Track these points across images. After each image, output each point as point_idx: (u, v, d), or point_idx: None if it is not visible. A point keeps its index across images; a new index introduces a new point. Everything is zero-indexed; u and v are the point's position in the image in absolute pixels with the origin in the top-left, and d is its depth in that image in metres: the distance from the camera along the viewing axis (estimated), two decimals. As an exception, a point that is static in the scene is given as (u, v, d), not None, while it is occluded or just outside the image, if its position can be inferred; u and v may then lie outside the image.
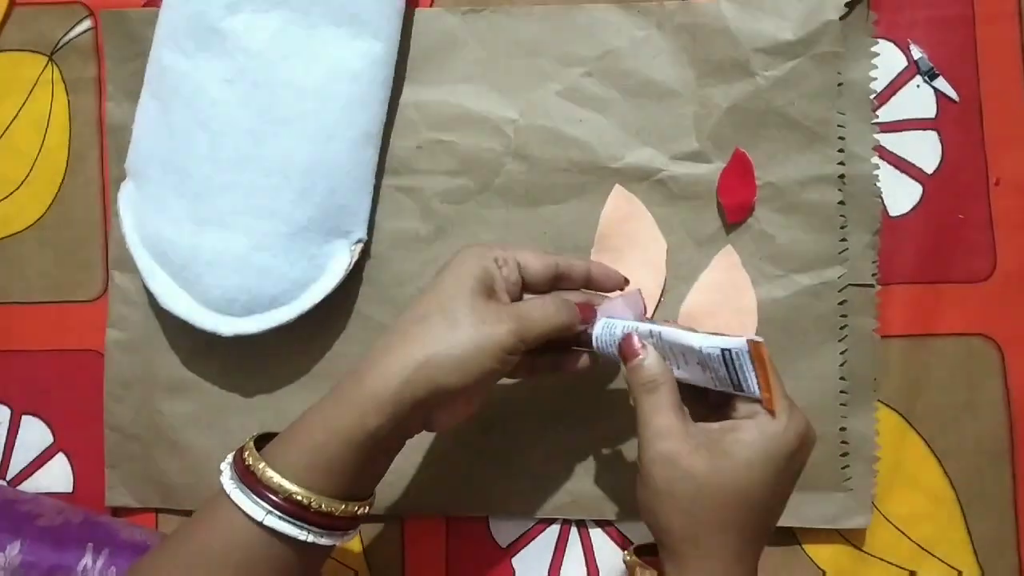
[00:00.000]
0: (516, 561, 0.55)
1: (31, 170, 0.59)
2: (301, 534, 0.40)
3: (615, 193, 0.54)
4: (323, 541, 0.41)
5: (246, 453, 0.42)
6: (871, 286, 0.53)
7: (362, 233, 0.54)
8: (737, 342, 0.39)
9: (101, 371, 0.57)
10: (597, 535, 0.55)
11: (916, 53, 0.54)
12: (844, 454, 0.52)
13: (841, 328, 0.53)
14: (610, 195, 0.54)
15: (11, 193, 0.59)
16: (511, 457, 0.55)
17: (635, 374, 0.42)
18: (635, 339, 0.43)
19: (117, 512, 0.57)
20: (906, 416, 0.53)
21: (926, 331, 0.54)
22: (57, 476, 0.58)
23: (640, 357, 0.42)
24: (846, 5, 0.52)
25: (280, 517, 0.40)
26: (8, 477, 0.58)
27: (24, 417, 0.58)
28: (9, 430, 0.58)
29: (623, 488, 0.54)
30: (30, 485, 0.58)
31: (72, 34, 0.59)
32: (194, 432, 0.56)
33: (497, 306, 0.42)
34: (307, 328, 0.54)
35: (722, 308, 0.53)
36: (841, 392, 0.52)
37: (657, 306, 0.54)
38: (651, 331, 0.43)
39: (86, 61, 0.58)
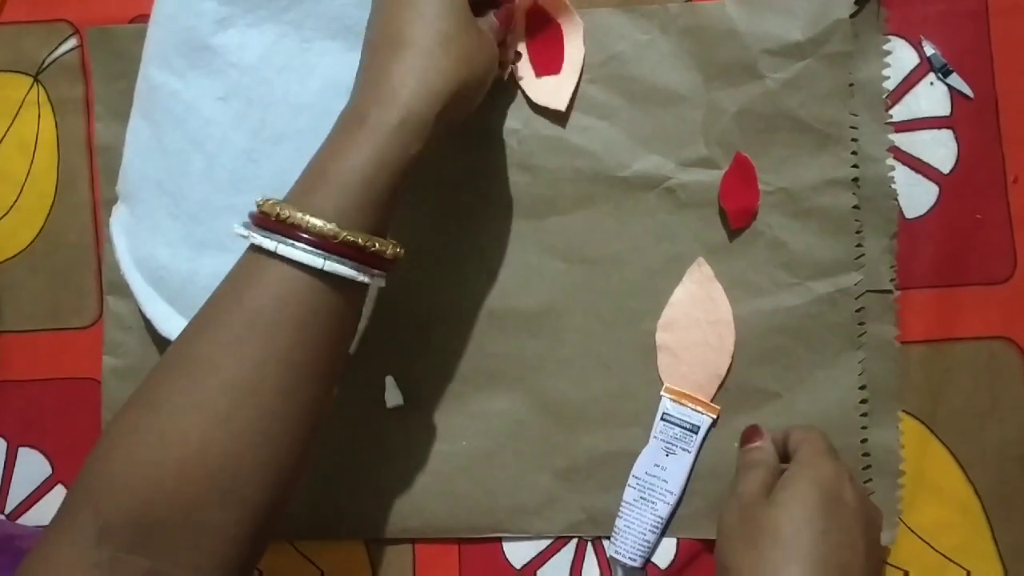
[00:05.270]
0: (532, 582, 0.54)
1: (19, 195, 0.57)
2: (359, 276, 0.40)
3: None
4: (376, 282, 0.42)
5: (278, 208, 0.39)
6: (889, 292, 0.51)
7: (363, 251, 0.53)
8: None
9: (99, 399, 0.56)
10: (613, 552, 0.54)
11: (929, 50, 0.53)
12: (866, 467, 0.51)
13: (859, 336, 0.51)
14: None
15: (0, 219, 0.57)
16: (522, 477, 0.53)
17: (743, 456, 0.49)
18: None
19: (120, 543, 0.56)
20: (928, 424, 0.52)
21: (946, 336, 0.52)
22: (57, 508, 0.56)
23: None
24: (856, 2, 0.51)
25: (339, 261, 0.39)
26: (7, 511, 0.57)
27: (21, 449, 0.57)
28: (6, 463, 0.57)
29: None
30: (29, 519, 0.56)
31: (57, 53, 0.57)
32: (196, 459, 0.55)
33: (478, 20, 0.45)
34: (309, 350, 0.53)
35: (698, 322, 0.52)
36: (861, 403, 0.51)
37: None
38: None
39: (72, 81, 0.57)
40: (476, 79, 0.43)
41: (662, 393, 0.52)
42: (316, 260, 0.39)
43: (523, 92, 0.53)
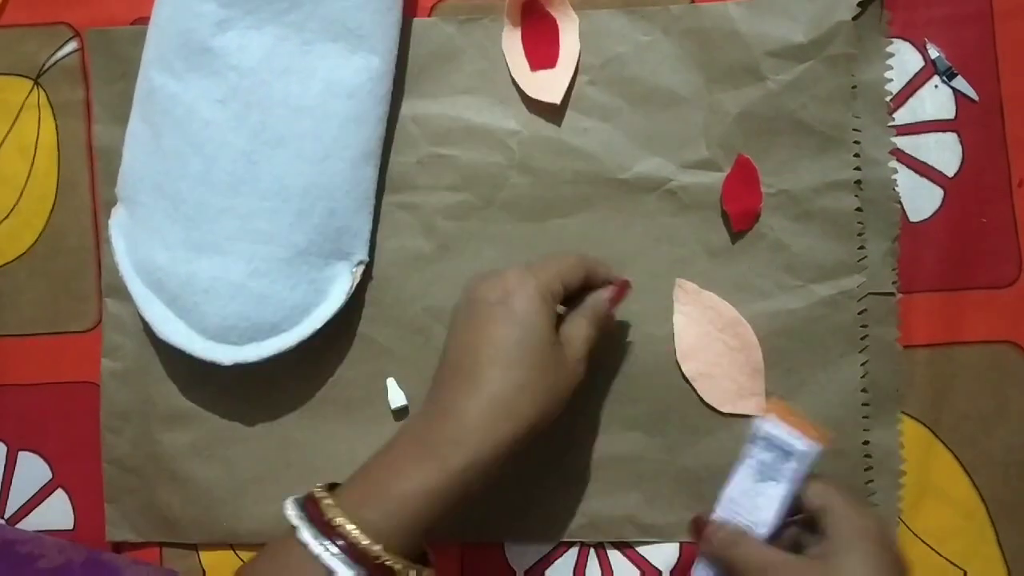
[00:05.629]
0: (533, 587, 0.54)
1: (20, 198, 0.57)
2: None
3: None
4: None
5: (327, 511, 0.40)
6: (891, 294, 0.51)
7: (363, 255, 0.53)
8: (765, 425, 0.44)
9: (98, 403, 0.56)
10: (616, 557, 0.53)
11: (933, 52, 0.52)
12: (868, 468, 0.51)
13: (862, 339, 0.51)
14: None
15: (0, 222, 0.57)
16: (526, 480, 0.53)
17: (707, 546, 0.45)
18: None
19: (120, 547, 0.56)
20: (932, 428, 0.52)
21: (950, 340, 0.52)
22: (57, 513, 0.56)
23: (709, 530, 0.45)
24: (858, 5, 0.51)
25: None
26: (6, 515, 0.56)
27: (20, 453, 0.57)
28: (5, 467, 0.57)
29: (640, 508, 0.53)
30: (29, 523, 0.56)
31: (57, 56, 0.57)
32: (195, 463, 0.55)
33: (563, 346, 0.45)
34: (309, 354, 0.53)
35: (710, 334, 0.52)
36: (863, 405, 0.51)
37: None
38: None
39: (73, 84, 0.57)
40: (554, 412, 0.44)
41: (761, 415, 0.46)
42: None
43: (517, 86, 0.53)
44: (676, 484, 0.52)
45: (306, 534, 0.40)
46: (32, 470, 0.56)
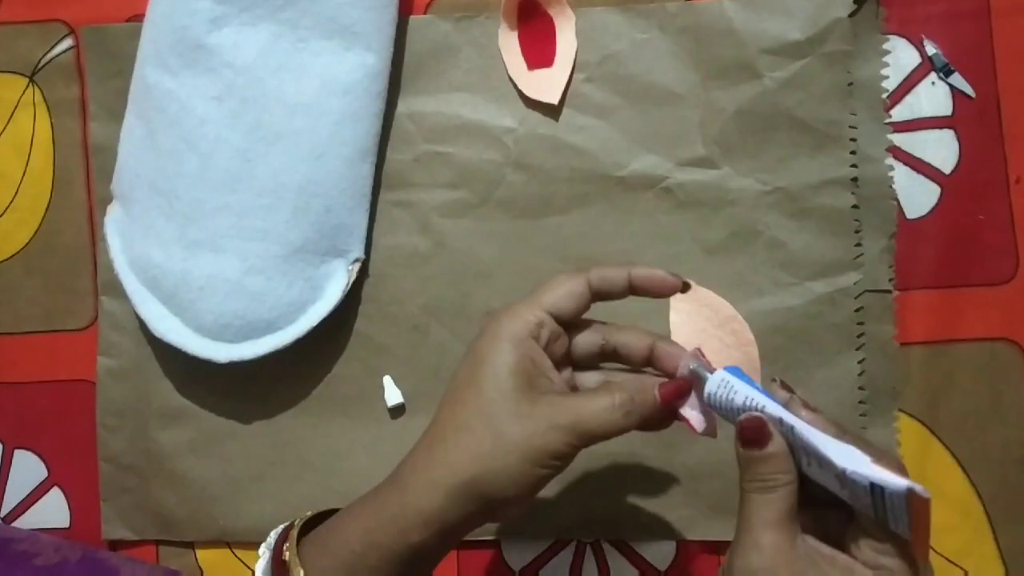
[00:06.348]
0: (529, 585, 0.54)
1: (15, 196, 0.57)
2: None
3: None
4: None
5: (286, 549, 0.39)
6: (888, 292, 0.51)
7: (359, 252, 0.53)
8: (896, 485, 0.32)
9: (94, 401, 0.55)
10: (612, 555, 0.53)
11: (930, 49, 0.52)
12: (866, 467, 0.51)
13: (859, 336, 0.51)
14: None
15: (-4, 220, 0.57)
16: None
17: (755, 465, 0.35)
18: (768, 424, 0.35)
19: (116, 545, 0.56)
20: (929, 425, 0.52)
21: (947, 337, 0.52)
22: (53, 511, 0.56)
23: (768, 449, 0.35)
24: (855, 2, 0.50)
25: None
26: (2, 514, 0.56)
27: (16, 451, 0.57)
28: (1, 465, 0.57)
29: (637, 506, 0.53)
30: (25, 521, 0.56)
31: (53, 53, 0.57)
32: (191, 461, 0.55)
33: (546, 404, 0.38)
34: (305, 351, 0.53)
35: (708, 331, 0.52)
36: (860, 403, 0.51)
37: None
38: (781, 420, 0.35)
39: (68, 81, 0.57)
40: (495, 476, 0.37)
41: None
42: None
43: (515, 86, 0.53)
44: (672, 482, 0.52)
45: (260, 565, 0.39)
46: (28, 468, 0.56)
